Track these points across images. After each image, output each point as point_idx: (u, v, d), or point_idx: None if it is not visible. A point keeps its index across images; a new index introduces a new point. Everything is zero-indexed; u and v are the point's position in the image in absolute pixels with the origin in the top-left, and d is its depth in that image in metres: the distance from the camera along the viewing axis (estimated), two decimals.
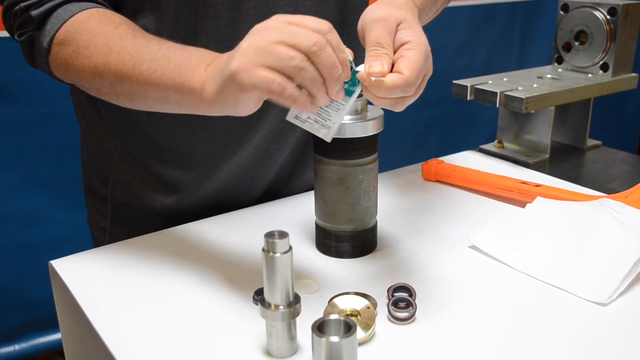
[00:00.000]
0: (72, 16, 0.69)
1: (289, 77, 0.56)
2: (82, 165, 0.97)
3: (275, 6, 0.79)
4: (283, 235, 0.54)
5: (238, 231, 0.83)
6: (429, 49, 0.63)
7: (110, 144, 0.88)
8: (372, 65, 0.60)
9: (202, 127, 0.83)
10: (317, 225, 0.78)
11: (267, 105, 0.85)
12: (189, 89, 0.61)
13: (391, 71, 0.60)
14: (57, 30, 0.69)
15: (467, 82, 1.12)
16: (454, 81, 1.14)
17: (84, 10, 0.70)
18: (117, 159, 0.88)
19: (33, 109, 1.62)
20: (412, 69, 0.59)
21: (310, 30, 0.56)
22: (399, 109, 0.64)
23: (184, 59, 0.63)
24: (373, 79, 0.59)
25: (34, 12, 0.69)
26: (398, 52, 0.62)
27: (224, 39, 0.78)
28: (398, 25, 0.63)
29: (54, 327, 1.81)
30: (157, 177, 0.87)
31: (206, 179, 0.88)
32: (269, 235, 0.54)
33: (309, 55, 0.56)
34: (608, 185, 1.02)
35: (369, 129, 0.70)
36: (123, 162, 0.88)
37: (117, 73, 0.66)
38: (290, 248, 0.55)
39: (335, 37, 0.58)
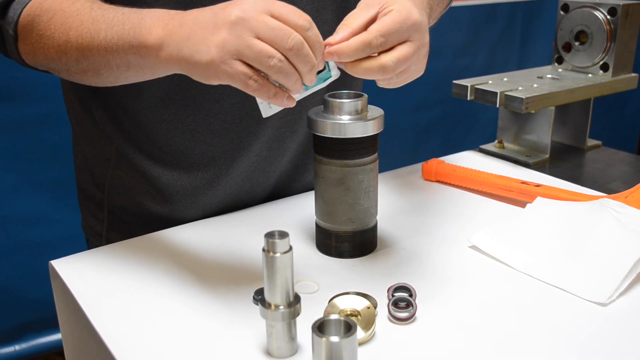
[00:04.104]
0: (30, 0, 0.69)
1: (265, 73, 0.58)
2: (76, 170, 0.95)
3: None
4: (283, 235, 0.54)
5: (238, 231, 0.83)
6: (414, 17, 0.62)
7: (105, 147, 0.86)
8: (327, 40, 0.62)
9: (200, 130, 0.82)
10: (317, 225, 0.78)
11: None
12: (145, 48, 0.62)
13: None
14: (19, 16, 0.69)
15: (468, 82, 1.12)
16: (454, 81, 1.14)
17: None
18: (113, 163, 0.86)
19: (33, 109, 1.62)
20: (379, 27, 0.61)
21: (290, 26, 0.57)
22: (394, 84, 0.65)
23: (138, 20, 0.63)
24: (328, 48, 0.62)
25: None
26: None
27: None
28: (382, 6, 0.63)
29: (54, 327, 1.81)
30: (154, 182, 0.85)
31: (207, 187, 0.86)
32: (269, 235, 0.54)
33: (286, 54, 0.57)
34: (608, 185, 1.02)
35: (369, 129, 0.70)
36: (119, 166, 0.86)
37: (78, 48, 0.66)
38: (290, 248, 0.55)
39: (314, 33, 0.59)
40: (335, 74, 0.67)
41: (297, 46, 0.57)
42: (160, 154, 0.84)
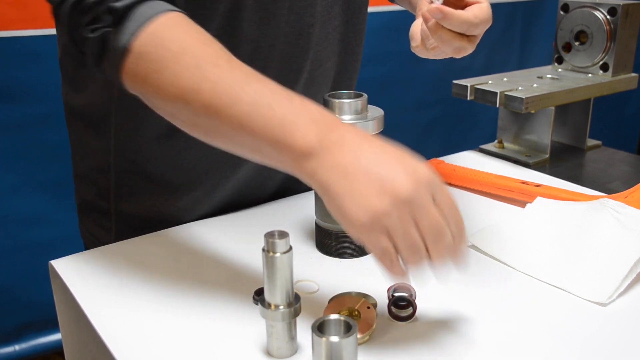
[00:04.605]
0: (157, 15, 0.59)
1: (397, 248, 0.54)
2: (76, 181, 0.92)
3: (299, 7, 0.79)
4: (283, 235, 0.54)
5: (238, 231, 0.83)
6: (491, 15, 0.75)
7: (104, 156, 0.84)
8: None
9: None
10: (317, 225, 0.78)
11: None
12: (290, 150, 0.55)
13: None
14: (139, 29, 0.59)
15: (467, 82, 1.12)
16: (454, 81, 1.14)
17: (169, 11, 0.60)
18: (114, 171, 0.85)
19: (33, 109, 1.61)
20: (481, 16, 0.72)
21: (447, 218, 0.54)
22: (461, 54, 0.76)
23: (291, 111, 0.55)
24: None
25: (116, 4, 0.59)
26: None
27: (252, 40, 0.77)
28: None
29: (54, 327, 1.81)
30: (162, 184, 0.85)
31: (221, 181, 0.86)
32: (269, 235, 0.54)
33: (426, 240, 0.54)
34: (608, 185, 1.02)
35: (369, 129, 0.70)
36: (121, 175, 0.85)
37: (207, 106, 0.57)
38: (290, 248, 0.55)
39: (460, 234, 0.56)
40: None
41: (445, 248, 0.54)
42: (170, 159, 0.83)
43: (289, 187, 0.94)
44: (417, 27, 0.77)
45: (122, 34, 0.59)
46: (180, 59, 0.58)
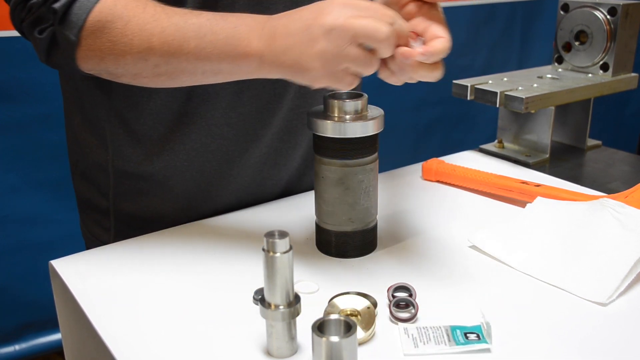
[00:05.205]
0: (96, 4, 0.67)
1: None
2: (75, 180, 0.93)
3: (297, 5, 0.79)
4: (283, 235, 0.54)
5: (238, 231, 0.83)
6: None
7: (104, 153, 0.85)
8: (412, 45, 0.64)
9: (219, 124, 0.82)
10: (317, 225, 0.78)
11: (279, 102, 0.85)
12: (245, 59, 0.65)
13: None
14: (84, 21, 0.66)
15: (467, 82, 1.12)
16: (454, 81, 1.14)
17: None
18: (112, 170, 0.85)
19: (33, 109, 1.62)
20: (446, 29, 0.65)
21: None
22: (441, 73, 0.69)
23: (231, 29, 0.65)
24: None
25: (56, 5, 0.66)
26: (425, 20, 0.67)
27: None
28: None
29: (54, 327, 1.81)
30: (163, 181, 0.84)
31: (219, 180, 0.86)
32: (269, 235, 0.54)
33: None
34: (608, 185, 1.02)
35: (369, 128, 0.70)
36: (120, 174, 0.85)
37: (163, 55, 0.66)
38: (291, 248, 0.55)
39: (399, 24, 0.62)
40: None
41: (391, 36, 0.60)
42: (173, 152, 0.83)
43: (292, 186, 0.94)
44: None
45: (68, 29, 0.67)
46: (126, 30, 0.66)
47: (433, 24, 0.65)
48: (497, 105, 1.07)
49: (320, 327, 0.50)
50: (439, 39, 0.63)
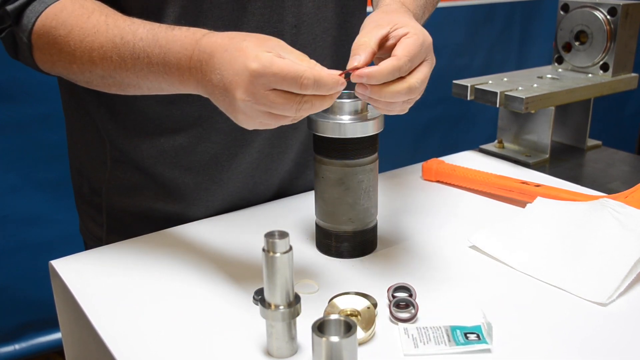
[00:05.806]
0: (46, 8, 0.68)
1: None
2: (72, 175, 0.94)
3: (280, 7, 0.79)
4: (283, 235, 0.54)
5: (238, 231, 0.83)
6: (429, 39, 0.64)
7: (100, 149, 0.85)
8: (351, 62, 0.62)
9: (205, 126, 0.82)
10: (317, 225, 0.78)
11: None
12: (181, 85, 0.65)
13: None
14: (33, 24, 0.68)
15: (467, 82, 1.12)
16: (454, 81, 1.14)
17: (57, 1, 0.69)
18: (110, 164, 0.85)
19: (33, 109, 1.62)
20: (406, 51, 0.61)
21: (288, 91, 0.58)
22: (405, 109, 0.65)
23: (162, 56, 0.64)
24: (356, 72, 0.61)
25: (10, 7, 0.68)
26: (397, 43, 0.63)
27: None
28: (392, 26, 0.64)
29: (54, 327, 1.81)
30: (156, 179, 0.85)
31: (210, 184, 0.86)
32: (269, 235, 0.54)
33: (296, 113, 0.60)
34: (608, 185, 1.02)
35: (369, 129, 0.70)
36: (117, 167, 0.85)
37: (105, 69, 0.67)
38: (290, 248, 0.55)
39: (311, 79, 0.58)
40: None
41: (302, 111, 0.59)
42: (162, 153, 0.84)
43: (284, 190, 0.94)
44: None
45: (22, 31, 0.69)
46: (69, 39, 0.67)
47: (400, 42, 0.62)
48: (497, 106, 1.07)
49: (320, 327, 0.50)
50: (388, 59, 0.61)
